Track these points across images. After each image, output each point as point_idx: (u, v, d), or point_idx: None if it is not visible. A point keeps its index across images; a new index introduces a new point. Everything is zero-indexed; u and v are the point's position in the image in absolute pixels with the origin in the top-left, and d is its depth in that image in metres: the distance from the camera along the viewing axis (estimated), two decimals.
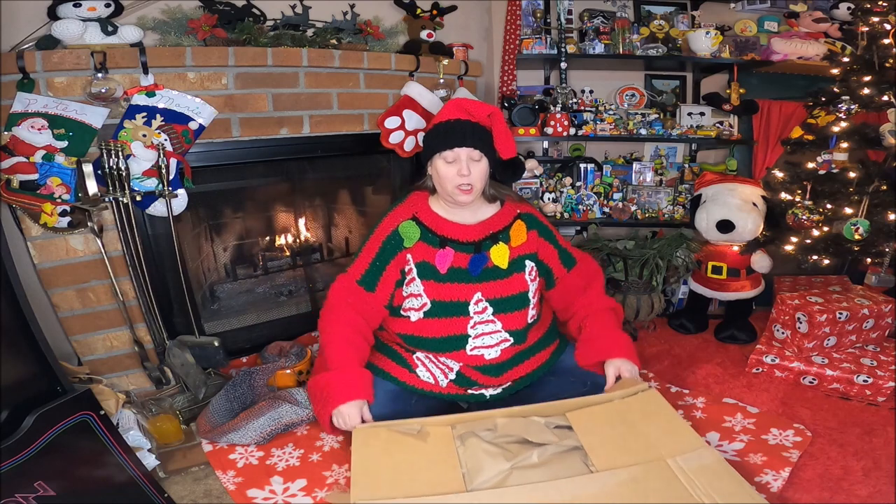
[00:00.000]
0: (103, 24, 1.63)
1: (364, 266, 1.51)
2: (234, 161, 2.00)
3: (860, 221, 1.90)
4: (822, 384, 1.86)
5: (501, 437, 1.20)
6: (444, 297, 1.47)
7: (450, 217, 1.52)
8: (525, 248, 1.54)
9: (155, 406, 1.75)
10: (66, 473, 1.16)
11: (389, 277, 1.50)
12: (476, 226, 1.52)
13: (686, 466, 1.11)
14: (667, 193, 2.68)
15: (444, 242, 1.49)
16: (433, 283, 1.48)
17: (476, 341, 1.48)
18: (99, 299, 1.81)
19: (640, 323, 2.38)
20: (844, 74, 2.03)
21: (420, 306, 1.49)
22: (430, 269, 1.48)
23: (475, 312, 1.48)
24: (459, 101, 1.48)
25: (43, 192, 1.60)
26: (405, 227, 1.50)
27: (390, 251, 1.50)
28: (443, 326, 1.48)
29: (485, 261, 1.49)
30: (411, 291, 1.50)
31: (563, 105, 2.58)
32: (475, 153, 1.42)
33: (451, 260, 1.48)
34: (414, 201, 1.55)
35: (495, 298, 1.48)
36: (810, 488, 1.37)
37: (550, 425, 1.24)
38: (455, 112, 1.45)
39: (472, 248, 1.49)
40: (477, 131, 1.42)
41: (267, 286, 2.56)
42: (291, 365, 1.90)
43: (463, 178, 1.41)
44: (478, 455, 1.15)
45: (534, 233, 1.56)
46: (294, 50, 1.94)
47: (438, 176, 1.45)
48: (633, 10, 2.78)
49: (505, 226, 1.53)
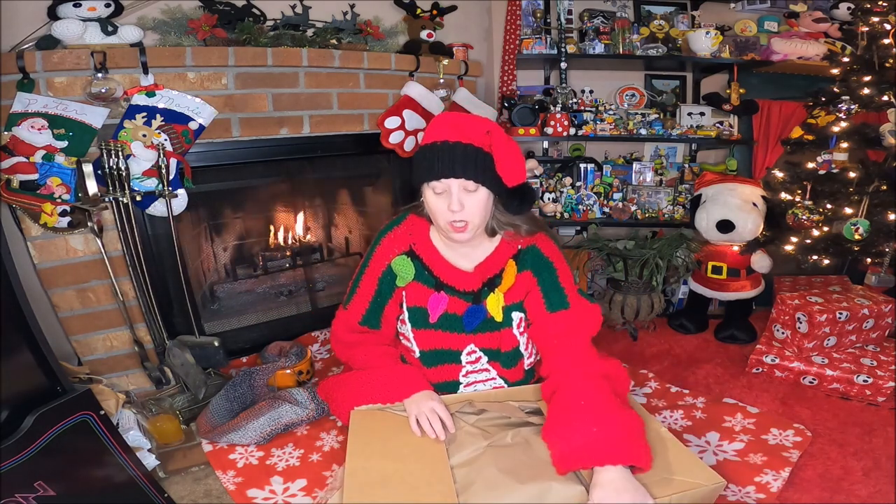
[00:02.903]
0: (103, 24, 1.63)
1: (364, 305, 1.42)
2: (234, 161, 2.00)
3: (860, 221, 1.90)
4: (822, 384, 1.86)
5: (482, 419, 1.29)
6: (434, 346, 1.39)
7: (449, 256, 1.37)
8: (513, 296, 1.36)
9: (155, 406, 1.75)
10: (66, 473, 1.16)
11: (392, 312, 1.43)
12: (474, 273, 1.36)
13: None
14: (667, 193, 2.68)
15: (440, 286, 1.35)
16: (424, 332, 1.38)
17: (467, 389, 1.41)
18: (99, 299, 1.81)
19: (640, 323, 2.38)
20: (844, 74, 2.04)
21: (411, 351, 1.44)
22: (423, 315, 1.37)
23: (468, 362, 1.39)
24: (450, 117, 1.22)
25: (43, 192, 1.60)
26: (399, 263, 1.36)
27: (387, 289, 1.39)
28: (434, 374, 1.40)
29: (483, 313, 1.34)
30: (403, 333, 1.43)
31: (563, 105, 2.58)
32: (469, 184, 1.18)
33: (445, 306, 1.35)
34: (412, 227, 1.39)
35: (490, 349, 1.38)
36: (810, 488, 1.37)
37: (525, 409, 1.32)
38: (444, 132, 1.18)
39: (469, 297, 1.36)
40: (469, 156, 1.16)
41: (267, 286, 2.56)
42: (291, 365, 1.91)
43: (454, 213, 1.19)
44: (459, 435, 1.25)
45: (527, 274, 1.35)
46: (294, 50, 1.94)
47: (430, 208, 1.26)
48: (633, 10, 2.78)
49: (500, 269, 1.36)
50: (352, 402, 1.36)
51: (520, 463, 1.15)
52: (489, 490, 1.08)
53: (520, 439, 1.22)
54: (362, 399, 1.36)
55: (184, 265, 1.92)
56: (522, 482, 1.09)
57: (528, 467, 1.13)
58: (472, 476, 1.12)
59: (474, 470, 1.14)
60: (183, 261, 1.92)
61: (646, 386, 1.92)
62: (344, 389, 1.42)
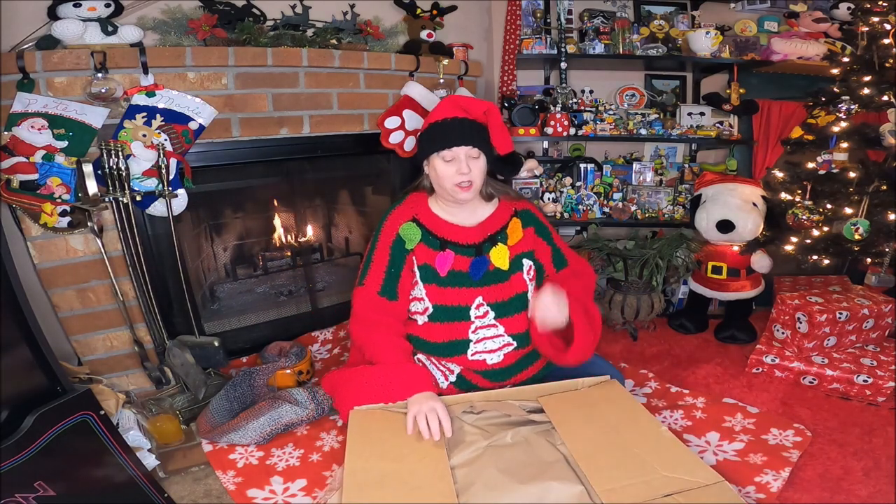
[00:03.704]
0: (103, 24, 1.63)
1: (380, 276, 1.49)
2: (234, 161, 2.00)
3: (860, 221, 1.90)
4: (822, 384, 1.86)
5: (482, 419, 1.30)
6: (445, 302, 1.46)
7: (449, 218, 1.51)
8: (522, 247, 1.52)
9: (155, 406, 1.75)
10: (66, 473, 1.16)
11: (406, 281, 1.50)
12: (475, 228, 1.51)
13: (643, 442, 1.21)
14: (667, 193, 2.68)
15: (444, 245, 1.48)
16: (434, 287, 1.47)
17: (478, 346, 1.46)
18: (99, 299, 1.81)
19: (640, 323, 2.38)
20: (844, 74, 2.04)
21: (423, 310, 1.48)
22: (432, 272, 1.47)
23: (476, 317, 1.46)
24: (455, 99, 1.47)
25: (43, 192, 1.60)
26: (406, 228, 1.49)
27: (400, 256, 1.49)
28: (445, 331, 1.47)
29: (486, 264, 1.47)
30: (415, 295, 1.50)
31: (563, 105, 2.58)
32: (474, 151, 1.42)
33: (452, 263, 1.47)
34: (413, 202, 1.54)
35: (496, 302, 1.46)
36: (810, 488, 1.37)
37: (525, 408, 1.33)
38: (451, 110, 1.43)
39: (472, 251, 1.48)
40: (474, 129, 1.42)
41: (267, 286, 2.56)
42: (291, 365, 1.91)
43: (463, 175, 1.40)
44: (459, 435, 1.26)
45: (530, 230, 1.55)
46: (294, 50, 1.94)
47: (437, 175, 1.44)
48: (633, 10, 2.78)
49: (502, 225, 1.52)
50: (355, 399, 1.38)
51: (520, 463, 1.15)
52: (489, 490, 1.08)
53: (520, 438, 1.22)
54: (365, 397, 1.37)
55: (184, 265, 1.92)
56: (522, 482, 1.09)
57: (527, 467, 1.13)
58: (472, 476, 1.13)
59: (474, 470, 1.14)
60: (183, 261, 1.92)
61: (646, 386, 1.92)
62: (349, 385, 1.44)
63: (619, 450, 1.18)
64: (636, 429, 1.25)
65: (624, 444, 1.20)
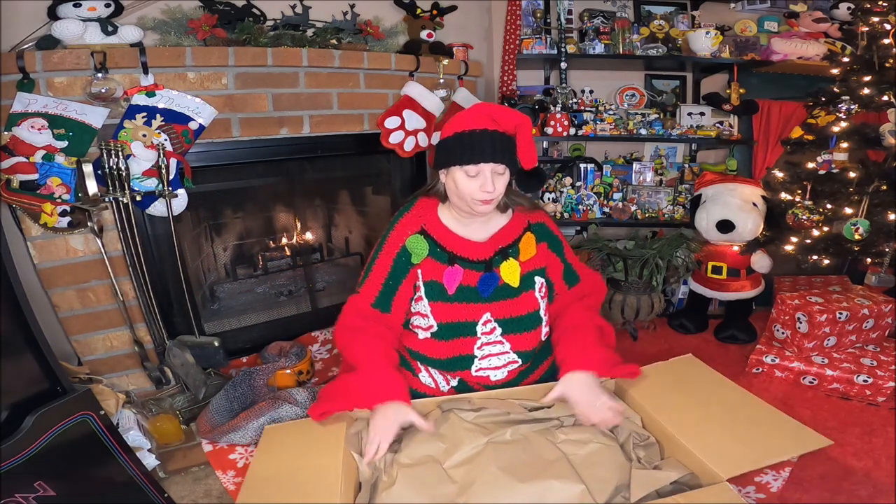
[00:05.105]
0: (103, 24, 1.63)
1: (377, 287, 1.42)
2: (234, 161, 2.00)
3: (860, 221, 1.90)
4: (822, 384, 1.86)
5: (481, 416, 1.29)
6: (451, 319, 1.40)
7: (459, 230, 1.43)
8: (534, 263, 1.45)
9: (155, 406, 1.75)
10: (66, 473, 1.16)
11: (404, 295, 1.43)
12: (486, 242, 1.42)
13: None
14: (667, 193, 2.68)
15: (453, 259, 1.40)
16: (441, 305, 1.40)
17: (482, 362, 1.41)
18: (99, 299, 1.81)
19: (640, 323, 2.38)
20: (844, 74, 2.04)
21: (427, 327, 1.43)
22: (439, 288, 1.40)
23: (483, 333, 1.40)
24: (485, 108, 1.35)
25: (43, 192, 1.60)
26: (413, 241, 1.41)
27: (402, 269, 1.41)
28: (448, 348, 1.41)
29: (496, 280, 1.40)
30: (419, 310, 1.44)
31: (563, 105, 2.58)
32: (500, 167, 1.31)
33: (460, 279, 1.40)
34: (422, 210, 1.45)
35: (504, 318, 1.41)
36: (810, 488, 1.37)
37: (527, 406, 1.34)
38: (480, 121, 1.31)
39: (482, 266, 1.40)
40: (504, 143, 1.31)
41: (267, 286, 2.56)
42: (291, 365, 1.91)
43: (487, 194, 1.31)
44: (458, 432, 1.25)
45: (543, 245, 1.47)
46: (294, 50, 1.94)
47: (457, 188, 1.34)
48: (633, 10, 2.78)
49: (514, 239, 1.44)
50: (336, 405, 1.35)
51: (520, 461, 1.15)
52: (490, 489, 1.08)
53: (519, 436, 1.22)
54: (340, 403, 1.34)
55: (184, 265, 1.92)
56: (523, 481, 1.09)
57: (527, 465, 1.13)
58: (472, 475, 1.12)
59: (474, 468, 1.14)
60: (183, 261, 1.92)
61: None
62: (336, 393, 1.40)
63: (718, 422, 1.20)
64: (729, 399, 1.29)
65: (721, 416, 1.22)
